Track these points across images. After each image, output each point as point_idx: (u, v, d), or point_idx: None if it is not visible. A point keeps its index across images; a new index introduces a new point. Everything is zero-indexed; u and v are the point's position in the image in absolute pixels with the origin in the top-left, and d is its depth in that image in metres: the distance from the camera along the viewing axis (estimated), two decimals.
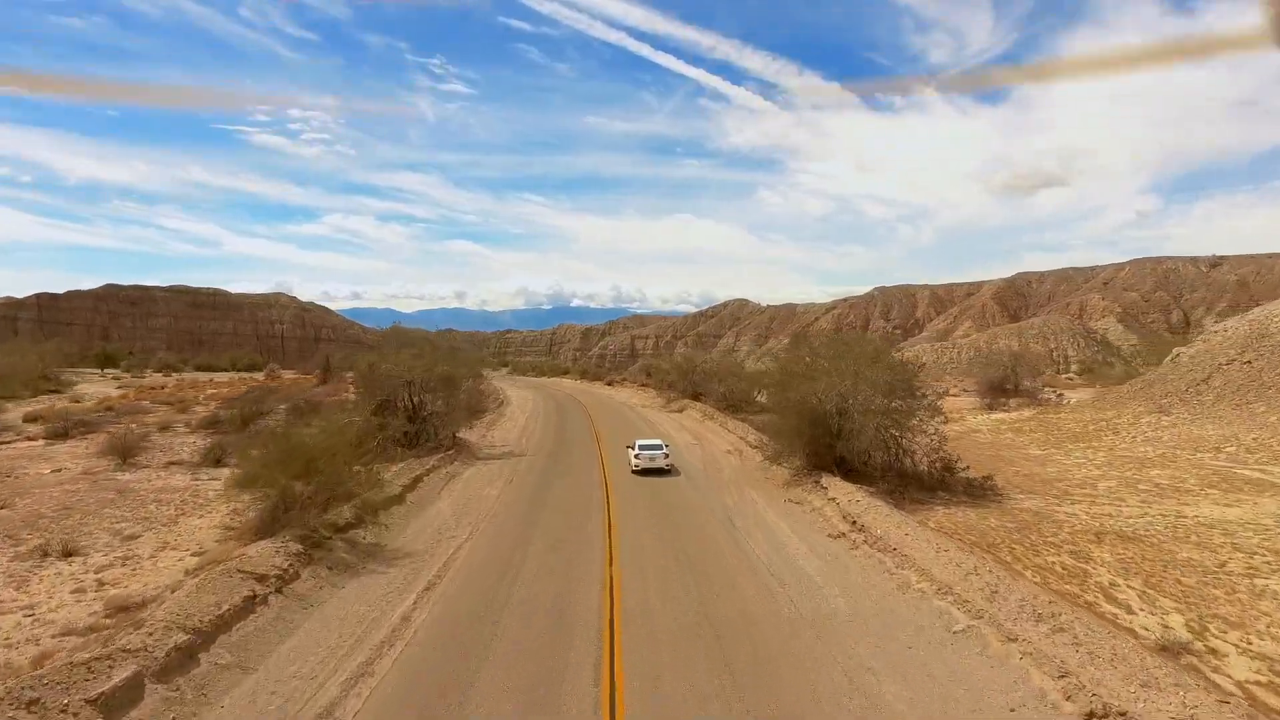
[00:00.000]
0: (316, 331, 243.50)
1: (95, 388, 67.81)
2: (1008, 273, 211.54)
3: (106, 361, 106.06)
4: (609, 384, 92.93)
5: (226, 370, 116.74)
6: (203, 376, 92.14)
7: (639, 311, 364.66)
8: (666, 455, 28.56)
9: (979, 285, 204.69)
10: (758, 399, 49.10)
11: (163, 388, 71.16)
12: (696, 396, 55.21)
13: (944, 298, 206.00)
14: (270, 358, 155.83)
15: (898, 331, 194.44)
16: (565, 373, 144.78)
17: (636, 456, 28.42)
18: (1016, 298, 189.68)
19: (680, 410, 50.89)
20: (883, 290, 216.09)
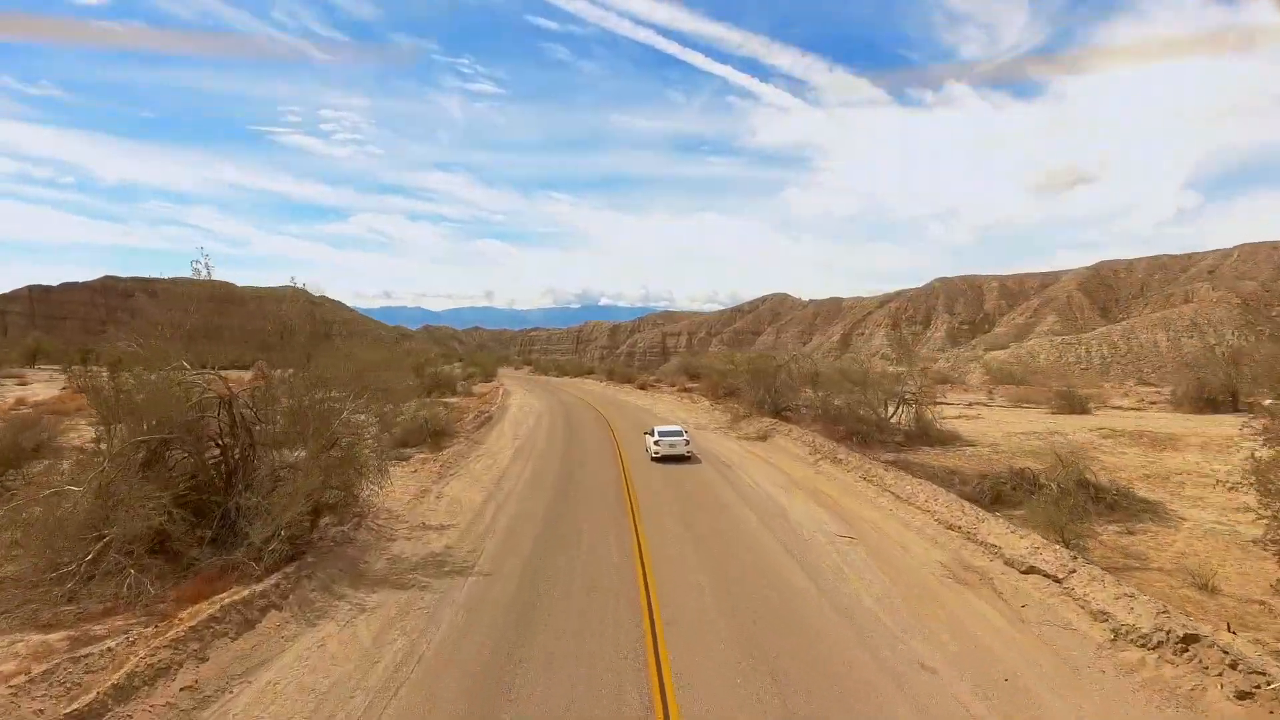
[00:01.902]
0: (328, 327, 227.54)
1: (19, 391, 51.85)
2: (1044, 267, 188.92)
3: (86, 358, 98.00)
4: (642, 387, 73.99)
5: (228, 368, 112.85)
6: None
7: (665, 310, 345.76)
8: (688, 442, 27.05)
9: (1056, 275, 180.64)
10: (895, 423, 29.86)
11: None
12: (779, 413, 36.11)
13: (1014, 289, 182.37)
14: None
15: (965, 327, 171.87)
16: (589, 372, 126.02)
17: (656, 443, 26.63)
18: (1102, 288, 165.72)
19: (762, 437, 31.70)
20: (945, 281, 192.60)
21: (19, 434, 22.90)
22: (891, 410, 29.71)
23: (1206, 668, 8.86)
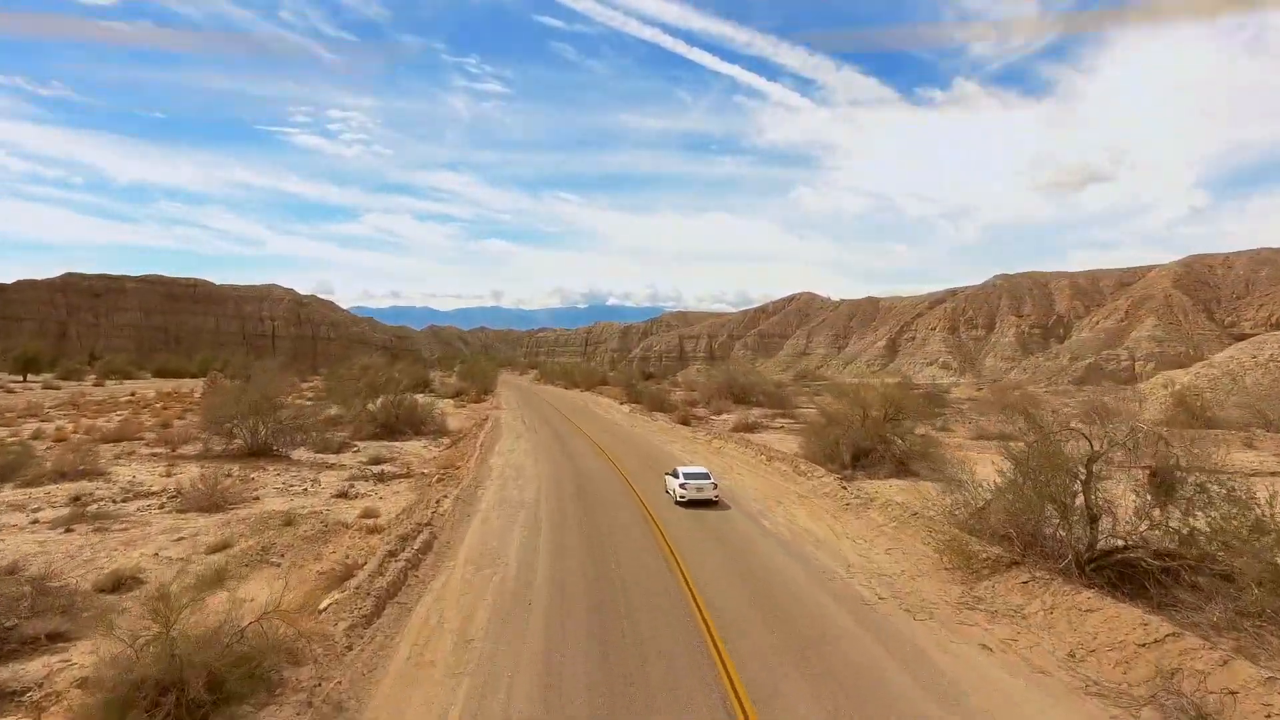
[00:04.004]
0: (314, 329, 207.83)
1: None
2: (1063, 266, 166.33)
3: (29, 365, 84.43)
4: (683, 421, 52.43)
5: (195, 375, 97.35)
6: (128, 386, 74.56)
7: (676, 310, 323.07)
8: (715, 486, 23.41)
9: (1139, 272, 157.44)
10: None
11: None
12: (1095, 572, 14.45)
13: (1088, 288, 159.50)
14: (259, 358, 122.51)
15: (1036, 331, 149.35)
16: (603, 382, 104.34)
17: (682, 486, 22.95)
18: (1201, 286, 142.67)
19: (1150, 698, 10.37)
20: (1006, 279, 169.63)
21: None
22: None
23: None
